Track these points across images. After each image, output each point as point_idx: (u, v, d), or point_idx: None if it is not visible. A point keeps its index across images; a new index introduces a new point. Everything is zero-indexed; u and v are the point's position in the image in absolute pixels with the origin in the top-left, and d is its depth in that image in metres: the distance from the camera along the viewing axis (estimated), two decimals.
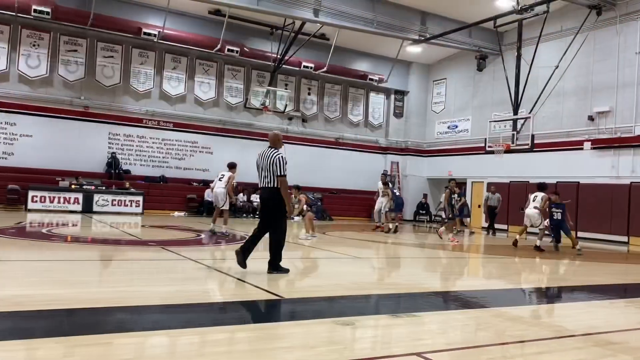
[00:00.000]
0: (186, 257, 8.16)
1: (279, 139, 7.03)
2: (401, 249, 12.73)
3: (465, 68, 24.41)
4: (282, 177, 6.63)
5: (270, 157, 6.72)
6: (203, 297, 5.25)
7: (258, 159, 6.88)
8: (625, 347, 4.23)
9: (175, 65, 21.83)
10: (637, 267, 11.55)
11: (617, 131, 18.36)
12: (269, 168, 6.67)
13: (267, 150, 6.85)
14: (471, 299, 6.48)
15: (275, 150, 6.84)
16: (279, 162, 6.64)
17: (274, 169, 6.63)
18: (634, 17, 18.06)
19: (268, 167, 6.67)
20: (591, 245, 16.93)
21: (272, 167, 6.64)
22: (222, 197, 12.23)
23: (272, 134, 7.14)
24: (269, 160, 6.69)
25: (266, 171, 6.70)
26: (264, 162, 6.74)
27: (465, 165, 23.93)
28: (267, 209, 6.81)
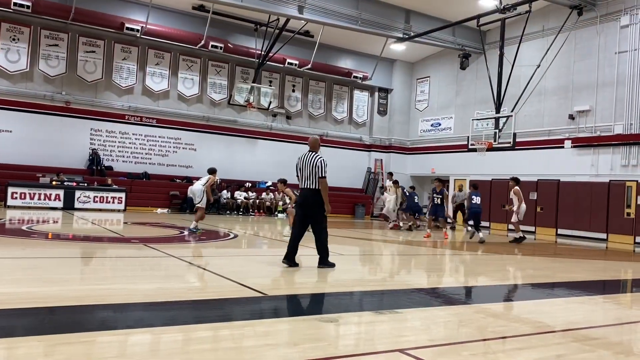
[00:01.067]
0: (169, 254, 8.11)
1: (319, 143, 7.58)
2: (385, 246, 12.80)
3: (449, 66, 24.58)
4: (322, 179, 7.16)
5: (312, 160, 7.22)
6: (186, 295, 5.23)
7: (299, 162, 7.37)
8: (604, 342, 4.31)
9: (158, 61, 21.64)
10: (615, 263, 11.77)
11: (596, 130, 18.64)
12: (311, 170, 7.18)
13: (308, 154, 7.33)
14: (453, 295, 6.55)
15: (316, 154, 7.34)
16: (322, 164, 7.19)
17: (317, 171, 7.14)
18: (614, 18, 18.34)
19: (311, 169, 7.18)
20: (571, 242, 17.20)
21: (314, 169, 7.16)
22: (199, 195, 12.19)
23: (313, 138, 7.71)
24: (311, 163, 7.20)
25: (308, 173, 7.20)
26: (306, 165, 7.24)
27: (448, 162, 24.12)
28: (309, 208, 7.28)
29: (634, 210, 17.37)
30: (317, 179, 7.15)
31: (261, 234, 14.08)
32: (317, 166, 7.16)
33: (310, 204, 7.25)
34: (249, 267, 7.74)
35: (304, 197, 7.33)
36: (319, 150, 7.49)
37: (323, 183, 7.16)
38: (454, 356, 3.64)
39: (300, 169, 7.33)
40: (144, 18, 20.03)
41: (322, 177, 7.15)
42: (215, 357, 3.33)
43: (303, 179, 7.27)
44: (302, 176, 7.29)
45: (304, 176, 7.26)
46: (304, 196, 7.32)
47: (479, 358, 3.64)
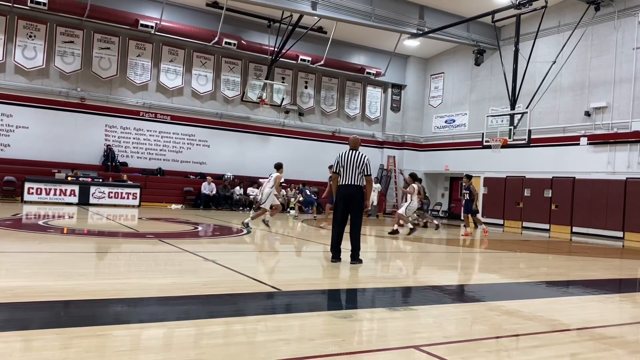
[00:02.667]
0: (183, 249, 8.16)
1: (359, 142, 7.96)
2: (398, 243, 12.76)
3: (463, 62, 24.40)
4: (369, 177, 7.56)
5: (359, 158, 7.57)
6: (200, 289, 5.26)
7: (341, 160, 7.66)
8: (620, 341, 4.26)
9: (172, 57, 21.74)
10: (631, 262, 11.62)
11: (613, 127, 18.41)
12: (357, 168, 7.50)
13: (351, 152, 7.66)
14: (467, 292, 6.51)
15: (360, 152, 7.69)
16: (369, 163, 7.60)
17: (364, 169, 7.51)
18: (632, 13, 18.07)
19: (357, 167, 7.51)
20: (586, 240, 17.02)
21: (362, 167, 7.50)
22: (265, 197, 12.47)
23: (354, 138, 8.01)
24: (358, 161, 7.54)
25: (354, 170, 7.51)
26: (351, 162, 7.55)
27: (462, 159, 23.96)
28: (352, 204, 7.57)
29: None
30: (363, 177, 7.50)
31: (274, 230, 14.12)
32: (365, 164, 7.53)
33: (353, 199, 7.54)
34: (262, 262, 7.77)
35: (347, 193, 7.58)
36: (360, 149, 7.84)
37: (369, 181, 7.59)
38: (469, 353, 3.62)
39: (343, 166, 7.60)
40: (158, 15, 20.14)
41: (369, 175, 7.53)
42: (229, 352, 3.34)
43: (346, 175, 7.55)
44: (345, 173, 7.57)
45: (348, 173, 7.54)
46: (348, 191, 7.57)
47: (494, 355, 3.61)
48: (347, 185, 7.56)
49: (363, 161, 7.54)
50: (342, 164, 7.63)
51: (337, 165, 7.66)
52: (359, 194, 7.54)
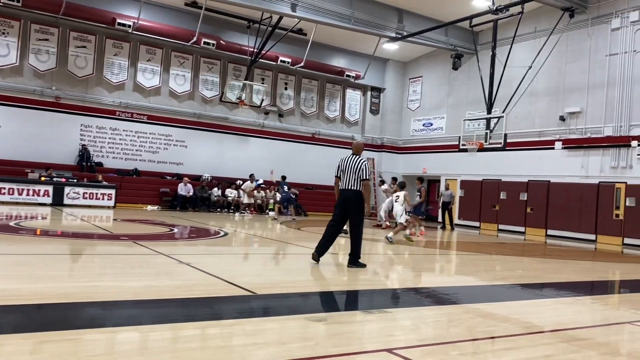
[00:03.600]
0: (158, 251, 8.07)
1: (362, 148, 8.01)
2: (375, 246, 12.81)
3: (441, 67, 24.65)
4: (366, 181, 7.58)
5: (356, 162, 7.62)
6: (175, 293, 5.20)
7: (341, 163, 7.77)
8: (591, 343, 4.34)
9: (150, 57, 21.52)
10: (603, 264, 11.86)
11: (587, 132, 18.78)
12: (355, 172, 7.56)
13: (352, 157, 7.74)
14: (442, 295, 6.56)
15: (360, 157, 7.75)
16: (365, 167, 7.60)
17: (360, 174, 7.54)
18: (605, 20, 18.47)
19: (354, 171, 7.57)
20: (560, 243, 17.31)
21: (358, 171, 7.54)
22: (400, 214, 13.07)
23: (357, 143, 8.06)
24: (356, 166, 7.59)
25: (351, 175, 7.58)
26: (350, 167, 7.63)
27: (439, 162, 24.20)
28: (350, 208, 7.65)
29: (622, 211, 17.53)
30: (360, 181, 7.55)
31: (252, 232, 14.06)
32: (361, 169, 7.57)
33: (351, 204, 7.62)
34: (238, 265, 7.73)
35: (345, 197, 7.68)
36: (362, 154, 7.90)
37: (366, 185, 7.60)
38: (442, 356, 3.65)
39: (342, 170, 7.71)
40: (135, 14, 19.91)
41: (365, 180, 7.57)
42: (204, 356, 3.31)
43: (345, 180, 7.65)
44: (344, 177, 7.67)
45: (346, 177, 7.64)
46: (345, 195, 7.67)
47: (468, 358, 3.65)
48: (345, 189, 7.67)
49: (360, 166, 7.60)
50: (342, 168, 7.76)
51: (338, 169, 7.81)
52: (355, 198, 7.61)
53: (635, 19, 17.59)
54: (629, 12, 17.78)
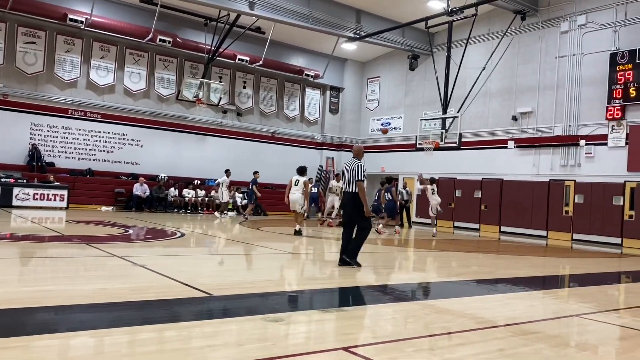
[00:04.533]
0: (112, 253, 7.88)
1: (362, 151, 8.28)
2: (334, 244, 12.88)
3: (399, 67, 24.96)
4: (359, 182, 7.81)
5: (352, 165, 7.94)
6: (130, 295, 5.09)
7: (344, 168, 8.24)
8: (542, 336, 4.48)
9: (103, 54, 20.95)
10: (554, 259, 12.28)
11: (538, 131, 19.39)
12: (350, 175, 7.90)
13: (351, 160, 8.07)
14: (400, 292, 6.65)
15: (358, 160, 8.03)
16: (358, 169, 7.86)
17: (354, 174, 7.83)
18: (555, 24, 19.11)
19: (350, 174, 7.91)
20: (513, 239, 17.82)
21: (352, 173, 7.85)
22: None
23: (357, 146, 8.35)
24: (350, 168, 7.93)
25: (348, 177, 7.93)
26: (347, 170, 8.02)
27: (397, 161, 24.52)
28: (349, 209, 8.00)
29: (572, 208, 18.19)
30: (355, 182, 7.83)
31: (210, 232, 13.89)
32: (354, 170, 7.86)
33: (350, 206, 7.97)
34: (195, 267, 7.62)
35: (345, 200, 8.14)
36: (362, 158, 8.16)
37: (359, 186, 7.82)
38: (397, 353, 3.70)
39: (344, 174, 8.17)
40: (88, 9, 19.35)
41: (359, 180, 7.81)
42: (161, 359, 3.25)
43: (345, 183, 8.06)
44: (344, 180, 8.14)
45: (345, 180, 8.08)
46: (345, 199, 8.13)
47: (423, 354, 3.71)
48: (345, 192, 8.11)
49: (353, 168, 7.88)
50: (343, 172, 8.25)
51: (342, 174, 8.25)
52: (351, 200, 7.90)
53: (582, 23, 18.27)
54: (577, 16, 18.45)
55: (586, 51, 18.19)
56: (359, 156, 8.15)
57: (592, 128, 17.89)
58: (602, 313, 5.71)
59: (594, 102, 17.89)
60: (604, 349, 4.36)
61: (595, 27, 17.94)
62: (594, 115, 17.86)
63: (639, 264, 12.12)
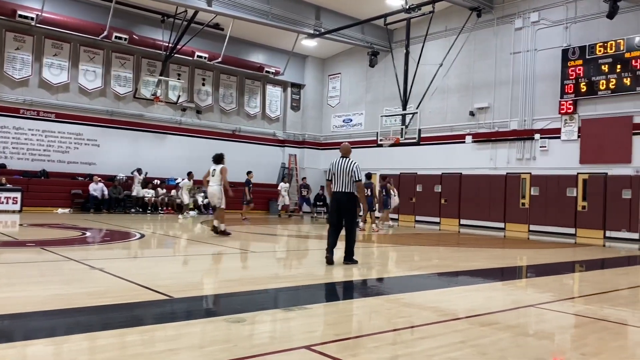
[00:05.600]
0: (69, 257, 7.66)
1: (350, 150, 8.31)
2: (298, 242, 12.87)
3: (359, 64, 25.11)
4: (359, 182, 7.97)
5: (348, 165, 7.95)
6: (88, 300, 4.95)
7: (332, 167, 8.06)
8: (501, 326, 4.59)
9: (56, 51, 20.30)
10: (511, 251, 12.60)
11: (494, 126, 19.86)
12: (347, 175, 7.91)
13: (342, 160, 8.05)
14: (362, 287, 6.70)
15: (350, 159, 8.08)
16: (357, 169, 7.95)
17: (353, 175, 7.90)
18: (509, 20, 19.58)
19: (346, 173, 7.91)
20: (473, 232, 18.20)
21: (351, 173, 7.89)
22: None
23: (345, 145, 8.39)
24: (348, 168, 7.93)
25: (344, 177, 7.93)
26: (342, 169, 7.96)
27: (359, 157, 24.37)
28: (343, 209, 8.01)
29: (528, 200, 18.72)
30: (353, 183, 7.91)
31: (171, 233, 13.67)
32: (353, 171, 7.91)
33: (343, 205, 7.97)
34: (155, 269, 7.48)
35: (338, 199, 8.01)
36: (351, 156, 8.18)
37: (359, 186, 8.01)
38: (360, 349, 3.72)
39: (334, 173, 8.03)
40: (39, 5, 18.70)
41: (358, 181, 7.93)
42: None
43: (338, 182, 7.97)
44: (337, 180, 8.00)
45: (339, 180, 7.97)
46: (339, 198, 7.99)
47: (386, 349, 3.74)
48: (338, 192, 8.00)
49: (352, 168, 7.91)
50: (333, 171, 8.06)
51: (329, 173, 8.10)
52: (348, 200, 7.95)
53: (535, 20, 18.78)
54: (530, 13, 18.95)
55: (539, 47, 18.71)
56: (348, 155, 8.19)
57: (546, 122, 18.44)
58: (557, 302, 5.90)
59: (547, 97, 18.43)
60: (560, 337, 4.50)
61: (548, 24, 18.47)
62: (547, 110, 18.41)
63: (592, 253, 12.58)
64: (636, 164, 16.36)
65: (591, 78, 17.23)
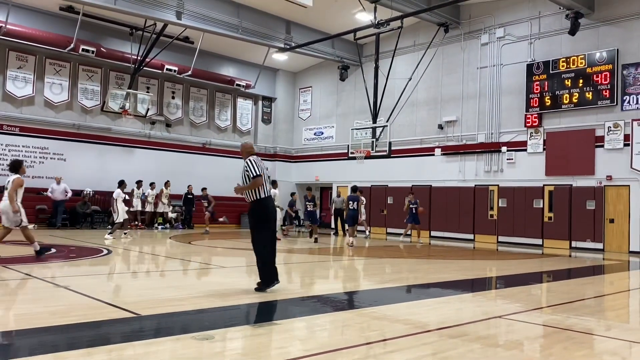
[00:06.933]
0: (32, 275, 7.43)
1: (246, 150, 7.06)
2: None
3: (330, 77, 25.29)
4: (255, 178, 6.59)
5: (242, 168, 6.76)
6: (53, 319, 4.80)
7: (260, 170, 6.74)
8: (471, 337, 4.63)
9: (21, 64, 19.85)
10: (481, 262, 12.76)
11: (463, 139, 20.19)
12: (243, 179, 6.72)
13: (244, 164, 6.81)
14: (334, 301, 6.67)
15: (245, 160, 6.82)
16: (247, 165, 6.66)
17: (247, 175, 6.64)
18: (476, 36, 20.02)
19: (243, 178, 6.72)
20: (443, 243, 18.39)
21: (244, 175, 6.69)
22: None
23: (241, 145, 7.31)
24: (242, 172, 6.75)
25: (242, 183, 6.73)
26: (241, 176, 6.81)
27: (331, 170, 24.75)
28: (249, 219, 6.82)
29: (496, 212, 19.02)
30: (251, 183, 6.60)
31: (138, 248, 13.42)
32: (245, 171, 6.67)
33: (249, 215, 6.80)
34: (121, 285, 7.32)
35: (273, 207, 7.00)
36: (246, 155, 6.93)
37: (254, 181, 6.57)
38: None
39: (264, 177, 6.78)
40: (2, 17, 18.27)
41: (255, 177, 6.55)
42: None
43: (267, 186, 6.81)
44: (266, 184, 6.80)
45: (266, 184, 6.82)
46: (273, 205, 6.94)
47: None
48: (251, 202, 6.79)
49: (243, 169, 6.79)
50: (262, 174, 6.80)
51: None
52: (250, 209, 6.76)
53: (501, 35, 19.25)
54: (496, 29, 19.42)
55: (505, 62, 19.16)
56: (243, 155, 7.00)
57: (512, 135, 18.83)
58: (525, 313, 5.98)
59: (513, 110, 18.85)
60: (528, 346, 4.57)
61: (513, 39, 18.95)
62: (514, 123, 18.82)
63: (558, 264, 12.83)
64: (599, 175, 16.82)
65: (555, 92, 17.71)
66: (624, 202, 16.36)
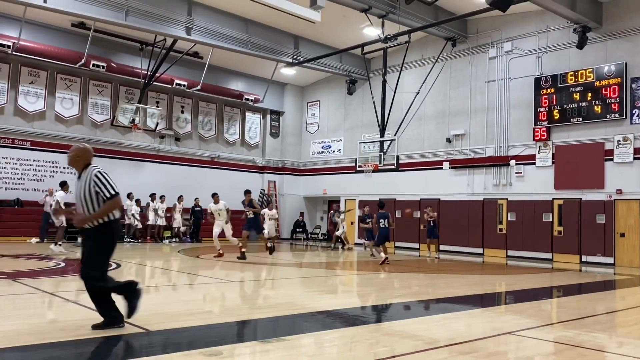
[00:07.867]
0: (42, 289, 7.47)
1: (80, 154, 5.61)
2: (277, 270, 12.77)
3: (337, 91, 25.41)
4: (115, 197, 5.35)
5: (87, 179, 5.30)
6: (61, 334, 4.82)
7: None
8: (483, 354, 4.59)
9: (33, 79, 20.12)
10: (490, 277, 12.67)
11: (471, 152, 20.16)
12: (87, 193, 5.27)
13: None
14: (342, 317, 6.65)
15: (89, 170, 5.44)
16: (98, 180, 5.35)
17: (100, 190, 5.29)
18: (483, 50, 20.07)
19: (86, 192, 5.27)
20: (452, 257, 18.28)
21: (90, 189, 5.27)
22: None
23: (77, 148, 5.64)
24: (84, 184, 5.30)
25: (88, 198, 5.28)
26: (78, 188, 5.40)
27: (338, 183, 24.77)
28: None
29: (505, 226, 18.91)
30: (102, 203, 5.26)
31: (147, 263, 13.45)
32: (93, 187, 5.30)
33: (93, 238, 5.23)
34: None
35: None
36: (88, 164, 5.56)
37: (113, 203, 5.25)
38: None
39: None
40: (16, 34, 18.57)
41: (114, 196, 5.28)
42: None
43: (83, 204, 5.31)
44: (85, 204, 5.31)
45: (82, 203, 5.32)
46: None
47: None
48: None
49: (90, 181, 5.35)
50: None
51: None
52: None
53: (508, 49, 19.28)
54: (503, 43, 19.46)
55: (513, 76, 19.17)
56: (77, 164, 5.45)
57: (521, 149, 18.78)
58: (536, 329, 5.93)
59: (522, 124, 18.82)
60: None
61: (521, 53, 18.98)
62: (522, 137, 18.78)
63: (569, 278, 12.71)
64: (609, 189, 16.71)
65: (563, 106, 17.67)
66: (634, 215, 16.22)
